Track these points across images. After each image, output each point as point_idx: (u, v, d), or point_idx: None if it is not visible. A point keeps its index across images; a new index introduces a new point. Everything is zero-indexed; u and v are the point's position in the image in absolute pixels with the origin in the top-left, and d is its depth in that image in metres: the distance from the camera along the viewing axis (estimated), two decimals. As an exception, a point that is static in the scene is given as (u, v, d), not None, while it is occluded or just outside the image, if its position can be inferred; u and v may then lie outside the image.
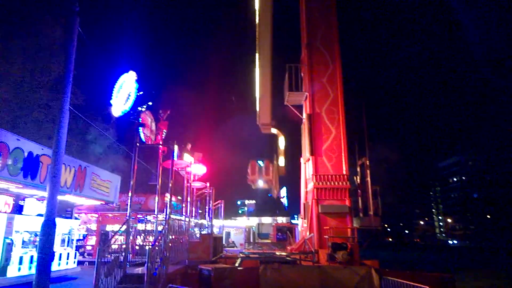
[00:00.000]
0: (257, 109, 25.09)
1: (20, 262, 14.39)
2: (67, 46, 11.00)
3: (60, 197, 13.55)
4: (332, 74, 17.92)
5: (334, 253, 15.23)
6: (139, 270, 11.42)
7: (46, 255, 11.36)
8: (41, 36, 24.26)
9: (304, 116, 18.41)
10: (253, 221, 33.37)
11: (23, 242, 15.09)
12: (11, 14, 23.73)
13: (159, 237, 10.95)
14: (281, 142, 29.15)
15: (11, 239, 14.06)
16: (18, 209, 15.42)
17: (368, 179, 17.99)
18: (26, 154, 13.31)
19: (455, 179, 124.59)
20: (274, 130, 27.79)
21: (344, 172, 17.07)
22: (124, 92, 10.79)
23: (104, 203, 20.39)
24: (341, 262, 14.90)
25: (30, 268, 14.55)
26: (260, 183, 30.86)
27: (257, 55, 24.19)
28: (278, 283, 12.91)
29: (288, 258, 15.34)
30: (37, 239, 13.84)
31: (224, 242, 24.77)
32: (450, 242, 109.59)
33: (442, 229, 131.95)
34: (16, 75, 23.15)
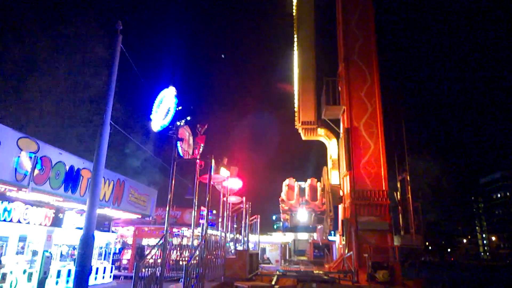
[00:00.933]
0: (296, 106, 22.91)
1: (58, 276, 14.60)
2: (109, 64, 11.26)
3: (98, 211, 13.71)
4: (370, 87, 17.46)
5: (375, 272, 14.59)
6: (173, 286, 11.30)
7: (84, 269, 11.45)
8: (84, 52, 25.30)
9: (342, 130, 17.99)
10: (289, 237, 32.61)
11: (61, 255, 15.36)
12: (55, 31, 24.91)
13: (196, 253, 10.81)
14: (333, 149, 21.31)
15: (50, 252, 14.31)
16: (57, 222, 15.75)
17: (409, 195, 17.25)
18: (67, 167, 13.60)
19: (499, 195, 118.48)
20: (321, 132, 21.74)
21: (384, 188, 16.47)
22: (164, 107, 10.87)
23: (140, 216, 20.58)
24: (382, 282, 14.25)
25: (67, 281, 14.75)
26: (303, 215, 23.38)
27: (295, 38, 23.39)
28: (316, 303, 12.45)
29: (326, 277, 14.81)
30: (75, 252, 14.05)
31: (259, 258, 24.34)
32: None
33: (486, 248, 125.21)
34: (59, 90, 24.14)
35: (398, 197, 17.75)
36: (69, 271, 15.12)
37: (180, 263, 24.92)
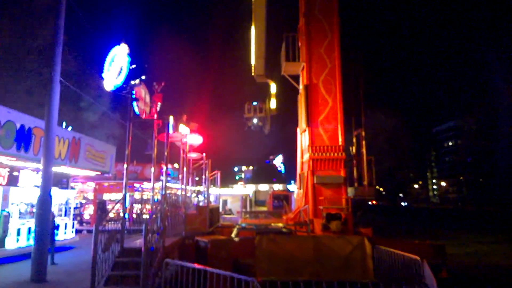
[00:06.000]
0: (252, 62, 24.70)
1: (18, 234, 14.50)
2: (55, 18, 10.55)
3: (55, 169, 13.50)
4: (330, 44, 17.46)
5: (328, 223, 15.48)
6: (136, 243, 11.55)
7: (43, 228, 11.46)
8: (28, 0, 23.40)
9: (301, 86, 18.13)
10: (250, 189, 33.66)
11: (20, 213, 15.15)
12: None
13: (156, 211, 11.00)
14: (273, 88, 30.87)
15: (8, 212, 14.11)
16: (13, 181, 15.39)
17: (364, 150, 18.00)
18: (18, 126, 13.13)
19: (450, 143, 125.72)
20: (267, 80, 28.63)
21: (340, 143, 17.01)
22: (116, 65, 10.45)
23: (99, 173, 20.39)
24: (335, 232, 15.18)
25: (28, 239, 14.70)
26: (255, 121, 32.50)
27: (253, 21, 23.36)
28: (274, 253, 13.15)
29: (284, 230, 15.58)
30: (34, 210, 13.91)
31: (221, 210, 25.13)
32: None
33: (435, 193, 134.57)
34: (4, 41, 22.47)
35: (354, 151, 18.44)
36: (29, 228, 15.00)
37: (143, 216, 25.37)
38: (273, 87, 31.22)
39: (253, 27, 23.22)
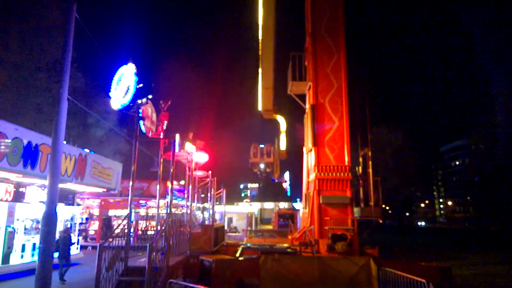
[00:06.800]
0: (259, 96, 24.59)
1: (23, 250, 14.50)
2: (64, 36, 10.73)
3: (61, 185, 13.54)
4: (337, 63, 17.52)
5: (334, 244, 15.33)
6: (140, 261, 11.47)
7: (48, 245, 11.41)
8: (38, 18, 23.87)
9: (307, 106, 18.17)
10: (255, 207, 33.48)
11: (25, 229, 15.16)
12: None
13: (160, 231, 10.94)
14: (282, 126, 29.06)
15: (13, 228, 14.12)
16: (19, 197, 15.43)
17: (370, 170, 17.89)
18: (25, 143, 13.23)
19: (457, 163, 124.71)
20: (276, 116, 27.47)
21: (346, 163, 16.91)
22: (123, 85, 10.53)
23: (105, 190, 20.40)
24: (341, 253, 15.01)
25: (32, 255, 14.68)
26: (262, 166, 30.90)
27: (259, 45, 23.56)
28: (278, 273, 12.99)
29: (289, 250, 15.43)
30: (39, 226, 13.90)
31: (226, 227, 25.01)
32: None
33: (442, 212, 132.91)
34: (14, 58, 22.85)
35: (360, 171, 18.34)
36: (34, 244, 15.03)
37: (148, 232, 25.27)
38: (283, 126, 29.41)
39: (260, 59, 23.41)
